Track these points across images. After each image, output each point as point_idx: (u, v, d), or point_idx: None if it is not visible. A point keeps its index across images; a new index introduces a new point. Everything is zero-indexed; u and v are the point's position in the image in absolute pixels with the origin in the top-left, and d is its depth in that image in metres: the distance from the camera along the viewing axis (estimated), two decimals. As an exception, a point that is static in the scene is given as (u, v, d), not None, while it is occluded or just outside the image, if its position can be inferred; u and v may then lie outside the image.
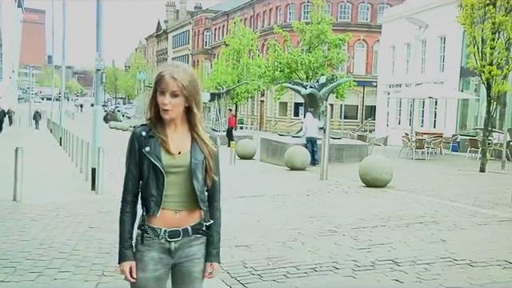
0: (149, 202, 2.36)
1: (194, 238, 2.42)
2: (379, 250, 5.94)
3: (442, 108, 28.90)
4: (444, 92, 24.83)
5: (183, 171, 2.37)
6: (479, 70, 15.21)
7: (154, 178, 2.34)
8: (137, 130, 2.42)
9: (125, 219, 2.42)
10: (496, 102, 15.74)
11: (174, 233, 2.38)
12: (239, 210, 8.24)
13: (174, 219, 2.37)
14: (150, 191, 2.35)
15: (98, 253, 5.69)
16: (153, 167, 2.34)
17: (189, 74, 2.38)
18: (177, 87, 2.32)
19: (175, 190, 2.36)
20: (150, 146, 2.36)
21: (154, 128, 2.40)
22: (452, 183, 12.72)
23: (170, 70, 2.35)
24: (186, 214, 2.39)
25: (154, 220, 2.36)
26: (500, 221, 7.75)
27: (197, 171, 2.38)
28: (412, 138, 21.62)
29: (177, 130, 2.42)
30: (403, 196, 10.11)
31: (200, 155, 2.40)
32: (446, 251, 5.89)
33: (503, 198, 10.05)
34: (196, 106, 2.40)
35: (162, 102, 2.34)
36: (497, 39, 14.93)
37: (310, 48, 33.56)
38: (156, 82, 2.37)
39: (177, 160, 2.36)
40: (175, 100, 2.34)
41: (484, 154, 15.47)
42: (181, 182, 2.37)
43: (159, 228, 2.37)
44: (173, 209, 2.37)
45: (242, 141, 18.86)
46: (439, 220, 7.68)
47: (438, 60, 29.52)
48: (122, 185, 2.43)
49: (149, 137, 2.38)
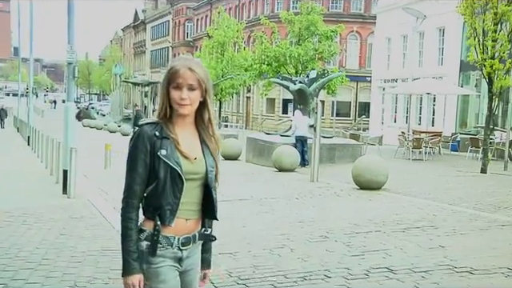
0: (164, 210, 2.32)
1: (197, 244, 2.48)
2: (373, 257, 5.96)
3: (440, 105, 29.14)
4: (443, 88, 25.03)
5: (198, 178, 2.38)
6: (480, 64, 15.34)
7: (171, 184, 2.32)
8: (146, 128, 2.36)
9: (131, 227, 2.35)
10: (498, 98, 15.89)
11: (187, 240, 2.41)
12: (223, 214, 8.15)
13: (184, 227, 2.39)
14: (166, 199, 2.32)
15: (70, 262, 5.63)
16: (171, 173, 2.31)
17: (202, 66, 2.41)
18: (194, 80, 2.33)
19: (188, 197, 2.37)
20: (166, 148, 2.33)
21: (166, 127, 2.37)
22: (451, 185, 12.82)
23: (183, 63, 2.35)
24: (195, 222, 2.44)
25: (167, 229, 2.35)
26: (502, 225, 7.83)
27: (213, 179, 2.41)
28: (409, 136, 21.76)
29: (185, 129, 2.41)
30: (399, 199, 10.16)
31: (212, 161, 2.43)
32: (445, 258, 5.93)
33: (506, 200, 10.16)
34: (211, 100, 2.42)
35: (179, 97, 2.32)
36: (499, 31, 15.06)
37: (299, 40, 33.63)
38: (168, 77, 2.35)
39: (194, 166, 2.37)
40: (193, 94, 2.34)
41: (485, 154, 15.61)
42: (193, 189, 2.38)
43: (172, 236, 2.36)
44: (184, 217, 2.38)
45: (227, 140, 18.83)
46: (438, 225, 7.74)
47: (437, 53, 29.75)
48: (125, 188, 2.36)
49: (162, 137, 2.34)
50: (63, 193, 10.20)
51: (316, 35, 33.60)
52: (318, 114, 13.55)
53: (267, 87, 34.86)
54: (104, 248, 6.22)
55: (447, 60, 28.51)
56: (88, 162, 14.49)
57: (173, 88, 2.34)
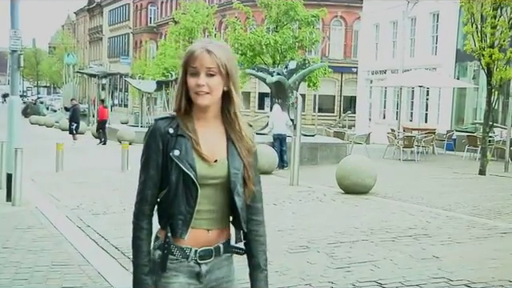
0: (175, 220, 2.27)
1: (224, 257, 2.38)
2: (360, 269, 5.99)
3: (434, 99, 29.49)
4: (437, 80, 25.33)
5: (219, 183, 2.30)
6: (478, 54, 15.54)
7: (183, 190, 2.25)
8: (160, 124, 2.30)
9: (142, 237, 2.32)
10: (498, 91, 16.12)
11: (206, 253, 2.31)
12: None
13: (205, 239, 2.31)
14: (178, 207, 2.26)
15: (14, 279, 5.55)
16: (183, 177, 2.24)
17: (225, 48, 2.31)
18: (213, 63, 2.24)
19: (207, 204, 2.29)
20: (179, 148, 2.26)
21: (183, 123, 2.30)
22: (446, 189, 12.98)
23: (201, 44, 2.28)
24: (219, 232, 2.35)
25: (181, 240, 2.29)
26: (503, 233, 7.94)
27: (237, 184, 2.31)
28: (399, 134, 21.97)
29: (208, 125, 2.33)
30: (389, 204, 10.24)
31: (239, 163, 2.32)
32: (440, 270, 5.99)
33: (506, 205, 10.32)
34: (236, 90, 2.32)
35: (195, 84, 2.24)
36: (499, 16, 15.27)
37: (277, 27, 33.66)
38: (185, 63, 2.28)
39: (213, 170, 2.28)
40: (212, 80, 2.25)
41: (484, 154, 15.83)
42: (214, 195, 2.30)
43: (188, 248, 2.29)
44: (205, 227, 2.31)
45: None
46: (431, 233, 7.82)
47: (430, 41, 30.10)
48: (137, 193, 2.34)
49: (177, 135, 2.27)
50: (7, 200, 10.04)
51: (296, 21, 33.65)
52: (298, 109, 13.58)
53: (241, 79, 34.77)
54: (54, 263, 6.14)
55: (442, 49, 28.86)
56: (36, 165, 14.30)
57: (190, 75, 2.26)
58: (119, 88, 75.05)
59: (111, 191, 11.14)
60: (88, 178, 13.01)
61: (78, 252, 6.61)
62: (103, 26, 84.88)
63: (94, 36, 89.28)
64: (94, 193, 10.86)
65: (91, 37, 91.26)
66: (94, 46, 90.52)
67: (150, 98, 31.43)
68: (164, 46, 44.06)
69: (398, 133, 22.44)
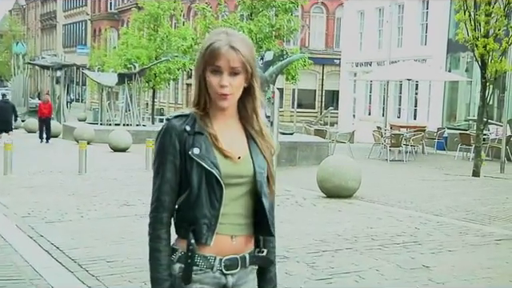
0: (199, 225, 2.25)
1: (249, 269, 2.38)
2: (344, 280, 6.02)
3: (424, 93, 29.76)
4: (427, 72, 25.55)
5: (243, 183, 2.31)
6: (471, 44, 15.69)
7: (206, 191, 2.25)
8: (174, 122, 2.30)
9: (160, 248, 2.31)
10: (493, 84, 16.30)
11: (232, 262, 2.31)
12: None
13: (229, 247, 2.31)
14: (201, 211, 2.25)
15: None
16: (206, 177, 2.24)
17: (247, 43, 2.32)
18: (239, 62, 2.25)
19: (232, 208, 2.29)
20: (199, 146, 2.26)
21: (200, 120, 2.30)
22: (437, 192, 13.10)
23: (225, 39, 2.26)
24: (244, 240, 2.34)
25: (205, 248, 2.28)
26: (498, 240, 8.04)
27: (263, 184, 2.32)
28: (386, 132, 22.13)
29: (227, 123, 2.34)
30: (375, 209, 10.31)
31: (263, 161, 2.34)
32: (430, 280, 6.04)
33: (502, 210, 10.45)
34: (258, 86, 2.34)
35: (218, 85, 2.24)
36: (494, 3, 15.44)
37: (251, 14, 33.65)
38: (205, 57, 2.26)
39: (237, 167, 2.30)
40: (236, 80, 2.26)
41: (478, 153, 16.00)
42: (239, 197, 2.31)
43: (212, 256, 2.28)
44: (229, 233, 2.30)
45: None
46: (421, 240, 7.89)
47: (419, 30, 30.37)
48: (152, 199, 2.33)
49: (194, 133, 2.28)
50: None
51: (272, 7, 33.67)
52: (276, 104, 13.58)
53: (212, 72, 34.73)
54: (2, 277, 6.07)
55: (432, 39, 29.13)
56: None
57: (210, 72, 2.26)
58: (76, 81, 74.41)
59: (67, 196, 11.04)
60: (40, 182, 12.87)
61: (29, 265, 6.53)
62: (57, 11, 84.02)
63: (47, 23, 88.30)
64: (47, 198, 10.74)
65: (43, 24, 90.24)
66: (46, 34, 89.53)
67: (110, 92, 31.18)
68: (126, 35, 43.72)
69: (384, 131, 22.60)
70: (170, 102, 54.80)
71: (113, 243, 7.43)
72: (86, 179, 13.43)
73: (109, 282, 5.89)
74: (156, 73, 39.62)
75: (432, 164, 19.18)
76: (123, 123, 28.11)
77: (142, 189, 12.02)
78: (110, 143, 20.92)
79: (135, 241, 7.56)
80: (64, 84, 38.96)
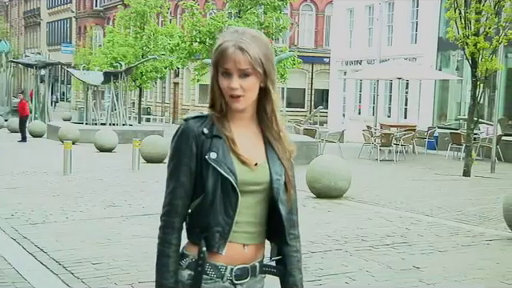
0: (212, 233, 2.23)
1: (259, 278, 2.37)
2: (333, 281, 6.03)
3: (414, 92, 29.85)
4: (417, 71, 25.64)
5: (259, 190, 2.28)
6: (462, 42, 15.77)
7: (221, 198, 2.22)
8: (192, 124, 2.28)
9: (169, 254, 2.28)
10: (483, 83, 16.38)
11: (243, 272, 2.30)
12: (143, 232, 8.12)
13: (241, 255, 2.29)
14: (215, 217, 2.22)
15: None
16: (222, 183, 2.21)
17: (260, 40, 2.28)
18: (247, 63, 2.21)
19: (246, 216, 2.27)
20: (216, 150, 2.23)
21: (218, 123, 2.27)
22: (428, 192, 13.15)
23: (234, 40, 2.23)
24: (255, 248, 2.33)
25: (216, 256, 2.26)
26: (489, 240, 8.09)
27: (280, 191, 2.30)
28: (376, 132, 22.19)
29: (244, 126, 2.31)
30: (365, 210, 10.34)
31: (280, 167, 2.32)
32: (421, 282, 6.07)
33: (493, 210, 10.50)
34: (273, 86, 2.30)
35: (228, 87, 2.22)
36: (484, 1, 15.53)
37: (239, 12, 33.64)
38: (216, 60, 2.24)
39: (254, 174, 2.27)
40: (247, 81, 2.23)
41: (469, 153, 16.08)
42: (253, 204, 2.29)
43: (223, 266, 2.26)
44: (241, 242, 2.28)
45: (149, 138, 18.61)
46: (412, 241, 7.91)
47: (410, 28, 30.45)
48: (165, 203, 2.30)
49: (212, 136, 2.25)
50: None
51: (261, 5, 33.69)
52: (264, 103, 13.58)
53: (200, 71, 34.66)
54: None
55: (422, 37, 29.22)
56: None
57: (222, 74, 2.24)
58: (61, 80, 74.10)
59: (51, 197, 10.99)
60: (24, 183, 12.80)
61: (13, 267, 6.50)
62: (41, 8, 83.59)
63: (31, 20, 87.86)
64: (31, 199, 10.68)
65: (27, 21, 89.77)
66: (30, 32, 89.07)
67: (96, 91, 31.08)
68: (112, 33, 43.62)
69: (374, 130, 22.65)
70: (156, 102, 54.65)
71: (98, 245, 7.40)
72: (71, 180, 13.38)
73: (94, 285, 5.87)
74: (142, 71, 39.56)
75: (422, 164, 19.25)
76: (109, 123, 28.02)
77: (129, 190, 12.01)
78: (95, 143, 20.84)
79: (121, 242, 7.55)
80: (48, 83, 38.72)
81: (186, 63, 37.45)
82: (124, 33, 42.30)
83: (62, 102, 68.75)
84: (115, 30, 43.98)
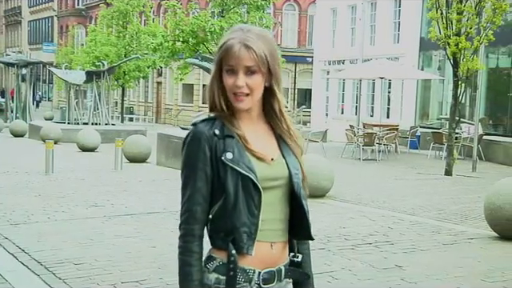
0: (239, 234, 2.18)
1: (284, 283, 2.32)
2: (316, 281, 5.98)
3: (397, 92, 30.00)
4: (400, 71, 25.76)
5: (279, 186, 2.25)
6: (443, 42, 15.87)
7: (244, 198, 2.17)
8: (201, 127, 2.22)
9: (192, 263, 2.22)
10: (465, 83, 16.50)
11: (270, 275, 2.25)
12: (126, 232, 8.12)
13: (269, 255, 2.25)
14: (239, 219, 2.17)
15: None
16: (242, 182, 2.17)
17: (266, 38, 2.25)
18: (253, 60, 2.18)
19: (270, 212, 2.23)
20: (231, 150, 2.19)
21: (227, 122, 2.23)
22: (410, 191, 13.23)
23: (239, 37, 2.20)
24: (281, 247, 2.29)
25: (245, 258, 2.20)
26: (470, 239, 8.16)
27: (300, 185, 2.28)
28: (359, 131, 22.27)
29: (254, 124, 2.29)
30: (347, 209, 10.38)
31: (295, 161, 2.30)
32: (403, 280, 6.10)
33: (474, 208, 10.58)
34: (278, 86, 2.28)
35: (233, 85, 2.19)
36: (465, 1, 15.64)
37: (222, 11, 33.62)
38: (220, 58, 2.21)
39: (272, 169, 2.24)
40: (252, 79, 2.20)
41: (450, 152, 16.19)
42: (275, 201, 2.25)
43: (251, 269, 2.21)
44: (268, 240, 2.24)
45: (132, 137, 18.55)
46: (394, 239, 7.96)
47: (392, 28, 30.59)
48: (182, 211, 2.25)
49: (224, 137, 2.21)
50: None
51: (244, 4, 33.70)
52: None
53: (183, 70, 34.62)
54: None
55: (405, 37, 29.37)
56: None
57: (226, 72, 2.21)
58: (42, 79, 73.65)
59: (33, 197, 10.92)
60: (5, 183, 12.71)
61: (-6, 268, 6.46)
62: (22, 7, 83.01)
63: (11, 19, 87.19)
64: (12, 199, 10.61)
65: (8, 20, 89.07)
66: (11, 31, 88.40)
67: (78, 90, 30.91)
68: (94, 32, 43.46)
69: (357, 129, 22.74)
70: (139, 101, 54.48)
71: (81, 245, 7.37)
72: (53, 180, 13.31)
73: (76, 285, 5.85)
74: (125, 71, 39.46)
75: (405, 163, 19.35)
76: (91, 122, 27.88)
77: (111, 189, 11.96)
78: (77, 143, 20.73)
79: (104, 242, 7.53)
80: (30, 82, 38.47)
81: (169, 62, 37.39)
82: (106, 32, 42.15)
83: (44, 102, 68.33)
84: (97, 29, 43.83)
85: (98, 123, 27.79)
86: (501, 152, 20.57)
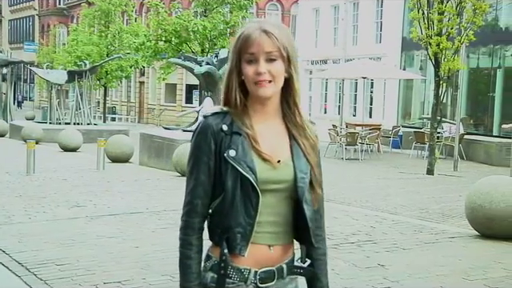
0: (233, 234, 2.16)
1: (288, 280, 2.28)
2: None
3: (379, 92, 30.14)
4: (382, 71, 25.88)
5: (282, 189, 2.20)
6: (425, 42, 15.99)
7: (241, 197, 2.15)
8: (211, 120, 2.20)
9: (191, 256, 2.22)
10: (446, 83, 16.63)
11: (268, 275, 2.21)
12: (109, 232, 8.07)
13: (266, 257, 2.21)
14: (236, 218, 2.15)
15: None
16: (241, 182, 2.14)
17: (282, 27, 2.22)
18: (273, 46, 2.14)
19: (269, 215, 2.19)
20: (235, 148, 2.15)
21: (237, 119, 2.19)
22: (392, 190, 13.29)
23: (256, 25, 2.17)
24: (282, 249, 2.25)
25: (239, 259, 2.19)
26: (451, 237, 8.21)
27: (305, 190, 2.21)
28: (341, 131, 22.34)
29: (267, 120, 2.23)
30: (330, 208, 10.38)
31: (306, 165, 2.22)
32: (385, 279, 6.13)
33: (455, 207, 10.65)
34: (297, 76, 2.22)
35: (254, 74, 2.15)
36: (446, 2, 15.76)
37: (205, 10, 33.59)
38: (239, 48, 2.17)
39: (276, 172, 2.18)
40: (274, 66, 2.15)
41: (432, 152, 16.30)
42: (277, 203, 2.20)
43: (247, 269, 2.19)
44: (266, 243, 2.21)
45: (115, 137, 18.48)
46: (376, 239, 7.99)
47: (374, 28, 30.74)
48: (184, 204, 2.24)
49: (232, 133, 2.17)
50: None
51: (227, 4, 33.69)
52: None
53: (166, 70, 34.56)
54: None
55: (387, 37, 29.52)
56: None
57: (245, 62, 2.16)
58: (23, 79, 73.12)
59: (14, 198, 10.83)
60: (-13, 183, 12.61)
61: (-25, 269, 6.41)
62: (2, 6, 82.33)
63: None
64: (-6, 200, 10.53)
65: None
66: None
67: (60, 90, 30.74)
68: (76, 32, 43.22)
69: (340, 129, 22.81)
70: (122, 101, 54.28)
71: (62, 246, 7.32)
72: (35, 180, 13.21)
73: (58, 286, 5.81)
74: (108, 70, 39.28)
75: (387, 162, 19.45)
76: (73, 122, 27.74)
77: (94, 190, 11.90)
78: (59, 143, 20.61)
79: (86, 243, 7.49)
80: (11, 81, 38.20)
81: (152, 62, 37.32)
82: (88, 31, 41.93)
83: (26, 102, 67.87)
84: (79, 28, 43.58)
85: (80, 123, 27.67)
86: (481, 151, 20.76)
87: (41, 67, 39.54)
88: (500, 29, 23.19)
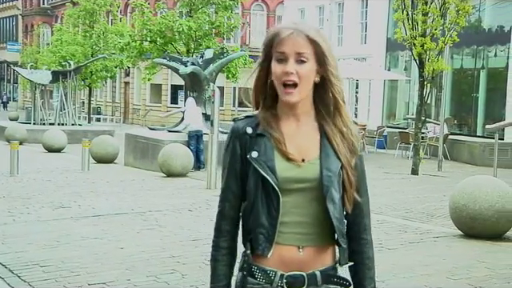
0: (256, 235, 2.15)
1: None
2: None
3: (364, 92, 30.25)
4: (367, 71, 25.97)
5: (309, 188, 2.16)
6: (409, 43, 16.07)
7: (263, 198, 2.14)
8: (238, 124, 2.22)
9: (218, 258, 2.24)
10: (430, 83, 16.72)
11: (296, 279, 2.15)
12: (93, 233, 8.06)
13: (295, 259, 2.16)
14: (258, 219, 2.14)
15: None
16: (262, 182, 2.13)
17: (317, 29, 2.18)
18: (306, 47, 2.10)
19: (296, 215, 2.16)
20: (258, 149, 2.15)
21: (263, 120, 2.17)
22: (377, 190, 13.31)
23: (289, 25, 2.14)
24: (314, 251, 2.18)
25: (265, 260, 2.16)
26: (436, 237, 8.26)
27: (331, 189, 2.15)
28: (327, 131, 22.40)
29: (299, 121, 2.20)
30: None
31: (335, 163, 2.17)
32: (370, 279, 6.15)
33: (440, 207, 10.72)
34: (336, 76, 2.17)
35: (282, 73, 2.11)
36: (430, 3, 15.85)
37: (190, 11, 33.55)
38: (269, 46, 2.15)
39: (299, 171, 2.15)
40: (303, 67, 2.11)
41: (417, 152, 16.38)
42: (304, 203, 2.16)
43: (273, 271, 2.15)
44: (293, 244, 2.16)
45: (99, 138, 18.42)
46: (361, 238, 8.02)
47: (359, 29, 30.83)
48: (218, 206, 2.26)
49: (256, 135, 2.17)
50: None
51: (212, 4, 33.68)
52: (216, 103, 13.58)
53: (151, 70, 34.47)
54: None
55: (371, 37, 29.62)
56: None
57: (275, 61, 2.13)
58: (7, 79, 72.67)
59: (-2, 199, 10.79)
60: (-30, 185, 12.53)
61: (-42, 271, 6.36)
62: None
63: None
64: (-23, 201, 10.47)
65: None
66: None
67: (44, 90, 30.58)
68: (60, 32, 43.01)
69: (325, 129, 22.85)
70: (107, 101, 54.08)
71: (47, 247, 7.30)
72: (18, 181, 13.14)
73: (43, 288, 5.79)
74: (92, 70, 39.11)
75: (372, 162, 19.51)
76: (58, 123, 27.62)
77: (78, 190, 11.87)
78: (43, 143, 20.52)
79: (70, 244, 7.47)
80: (-5, 82, 37.97)
81: (137, 62, 37.24)
82: (73, 31, 41.74)
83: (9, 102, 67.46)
84: (64, 28, 43.39)
85: (65, 123, 27.53)
86: (465, 151, 20.89)
87: (24, 67, 39.28)
88: (483, 30, 23.34)
